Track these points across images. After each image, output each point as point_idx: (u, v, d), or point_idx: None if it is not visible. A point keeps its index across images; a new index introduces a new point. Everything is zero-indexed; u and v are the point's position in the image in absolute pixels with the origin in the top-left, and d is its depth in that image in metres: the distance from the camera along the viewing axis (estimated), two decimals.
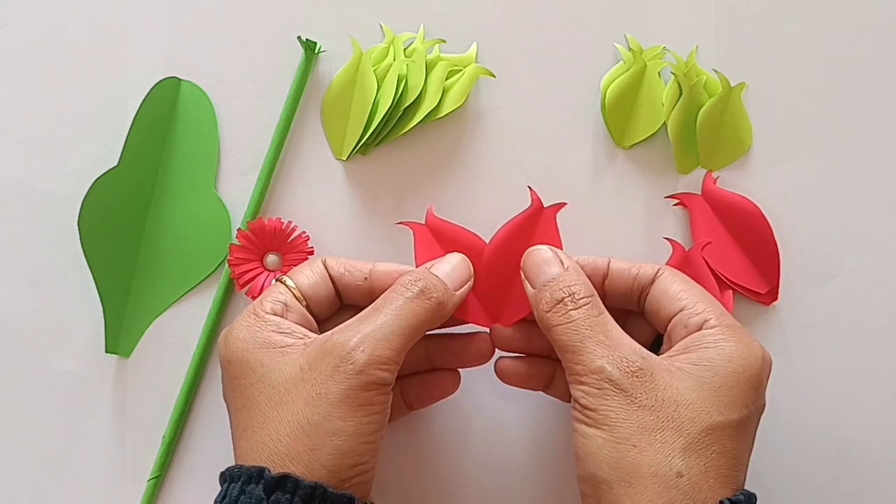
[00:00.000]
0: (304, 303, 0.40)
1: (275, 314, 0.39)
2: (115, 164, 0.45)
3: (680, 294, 0.40)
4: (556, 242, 0.42)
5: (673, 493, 0.35)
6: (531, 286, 0.40)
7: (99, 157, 0.46)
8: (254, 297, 0.44)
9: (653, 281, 0.41)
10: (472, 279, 0.41)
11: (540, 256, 0.40)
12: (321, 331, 0.40)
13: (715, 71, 0.47)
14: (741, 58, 0.47)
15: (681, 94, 0.46)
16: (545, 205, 0.42)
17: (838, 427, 0.46)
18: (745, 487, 0.37)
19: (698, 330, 0.38)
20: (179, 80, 0.47)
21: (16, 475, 0.46)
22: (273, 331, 0.38)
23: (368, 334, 0.37)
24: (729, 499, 0.35)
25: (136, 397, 0.46)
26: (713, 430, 0.36)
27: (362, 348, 0.36)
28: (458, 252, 0.42)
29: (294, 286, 0.40)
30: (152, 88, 0.46)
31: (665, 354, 0.38)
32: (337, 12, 0.47)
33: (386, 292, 0.39)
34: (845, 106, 0.47)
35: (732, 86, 0.46)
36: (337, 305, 0.42)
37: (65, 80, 0.47)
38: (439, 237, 0.42)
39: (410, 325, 0.38)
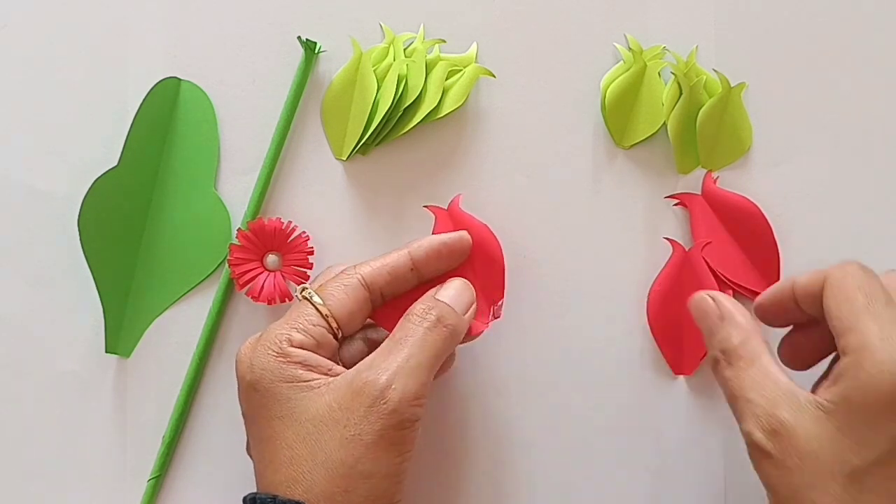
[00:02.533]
0: (340, 335, 0.40)
1: (303, 348, 0.38)
2: (115, 164, 0.45)
3: (833, 310, 0.36)
4: (476, 224, 0.43)
5: None
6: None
7: (99, 157, 0.46)
8: (254, 298, 0.44)
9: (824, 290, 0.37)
10: (476, 303, 0.42)
11: (701, 308, 0.39)
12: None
13: (715, 71, 0.47)
14: (741, 58, 0.47)
15: (681, 94, 0.46)
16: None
17: None
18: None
19: (845, 354, 0.35)
20: (179, 80, 0.47)
21: (16, 475, 0.46)
22: (300, 366, 0.38)
23: (397, 370, 0.37)
24: None
25: (136, 397, 0.46)
26: (855, 476, 0.33)
27: (394, 385, 0.36)
28: (476, 245, 0.42)
29: (328, 313, 0.39)
30: (152, 88, 0.46)
31: (821, 388, 0.35)
32: (337, 12, 0.47)
33: (401, 323, 0.39)
34: (846, 106, 0.47)
35: (732, 86, 0.47)
36: (364, 321, 0.41)
37: (65, 80, 0.47)
38: (457, 226, 0.43)
39: (433, 355, 0.38)
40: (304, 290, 0.40)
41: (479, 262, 0.43)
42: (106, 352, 0.46)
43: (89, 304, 0.46)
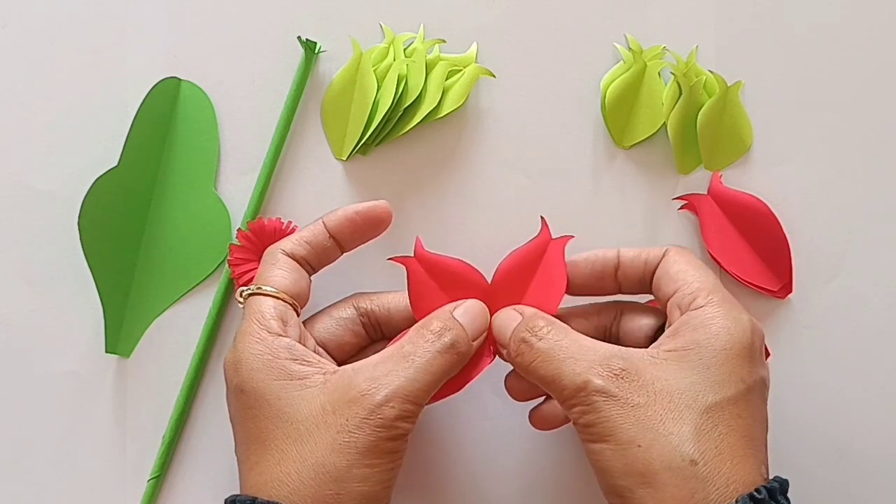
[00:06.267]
0: (298, 307, 0.40)
1: (280, 335, 0.39)
2: (115, 164, 0.45)
3: (677, 274, 0.40)
4: (561, 276, 0.41)
5: (692, 483, 0.34)
6: (503, 348, 0.40)
7: (99, 157, 0.46)
8: None
9: (660, 262, 0.41)
10: (488, 330, 0.41)
11: (499, 318, 0.41)
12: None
13: (710, 72, 0.47)
14: (741, 57, 0.47)
15: (681, 94, 0.46)
16: (548, 222, 0.42)
17: (839, 426, 0.46)
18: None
19: (686, 312, 0.38)
20: (179, 80, 0.47)
21: (16, 475, 0.46)
22: (287, 358, 0.38)
23: (398, 389, 0.37)
24: (765, 486, 0.35)
25: (136, 397, 0.46)
26: (713, 410, 0.35)
27: (392, 404, 0.36)
28: (456, 283, 0.41)
29: (276, 291, 0.40)
30: (152, 88, 0.46)
31: (653, 345, 0.38)
32: (337, 12, 0.47)
33: (413, 335, 0.39)
34: (846, 105, 0.47)
35: (729, 85, 0.47)
36: (310, 288, 0.42)
37: (65, 80, 0.47)
38: (432, 271, 0.41)
39: (437, 379, 0.38)
40: (241, 293, 0.41)
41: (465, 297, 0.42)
42: (106, 352, 0.46)
43: (89, 304, 0.46)
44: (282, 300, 0.40)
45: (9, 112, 0.47)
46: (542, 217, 0.42)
